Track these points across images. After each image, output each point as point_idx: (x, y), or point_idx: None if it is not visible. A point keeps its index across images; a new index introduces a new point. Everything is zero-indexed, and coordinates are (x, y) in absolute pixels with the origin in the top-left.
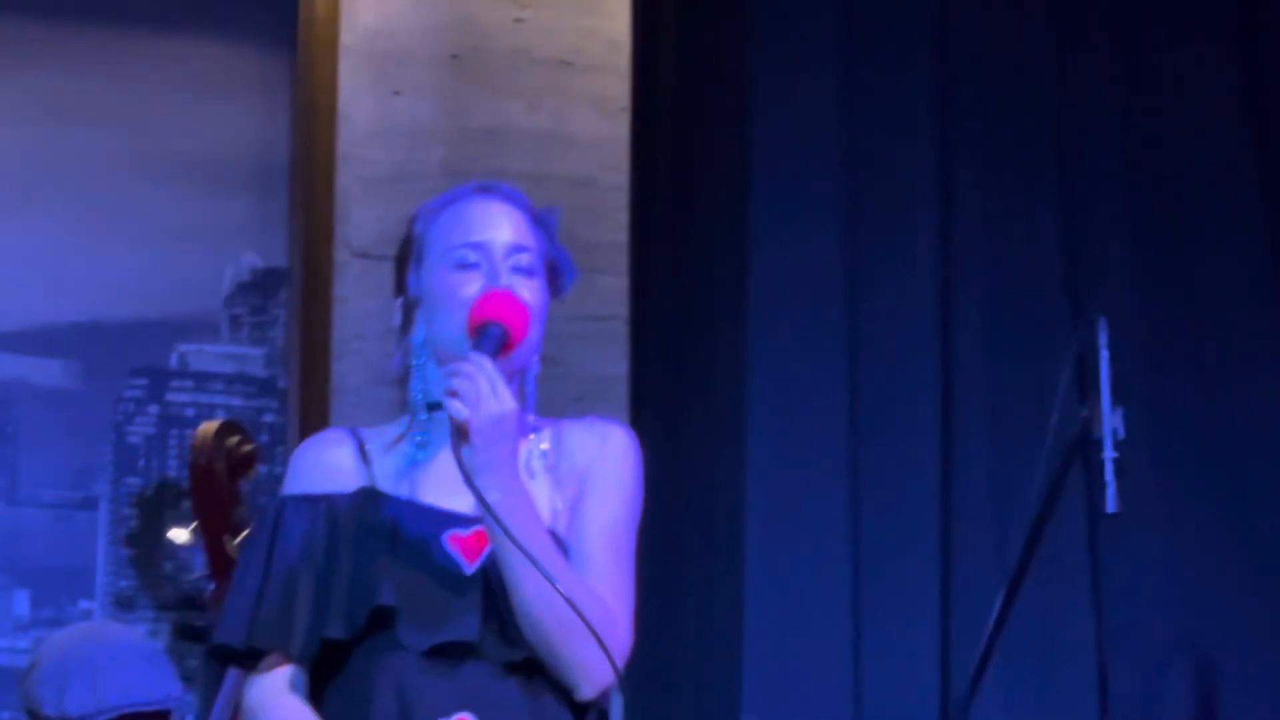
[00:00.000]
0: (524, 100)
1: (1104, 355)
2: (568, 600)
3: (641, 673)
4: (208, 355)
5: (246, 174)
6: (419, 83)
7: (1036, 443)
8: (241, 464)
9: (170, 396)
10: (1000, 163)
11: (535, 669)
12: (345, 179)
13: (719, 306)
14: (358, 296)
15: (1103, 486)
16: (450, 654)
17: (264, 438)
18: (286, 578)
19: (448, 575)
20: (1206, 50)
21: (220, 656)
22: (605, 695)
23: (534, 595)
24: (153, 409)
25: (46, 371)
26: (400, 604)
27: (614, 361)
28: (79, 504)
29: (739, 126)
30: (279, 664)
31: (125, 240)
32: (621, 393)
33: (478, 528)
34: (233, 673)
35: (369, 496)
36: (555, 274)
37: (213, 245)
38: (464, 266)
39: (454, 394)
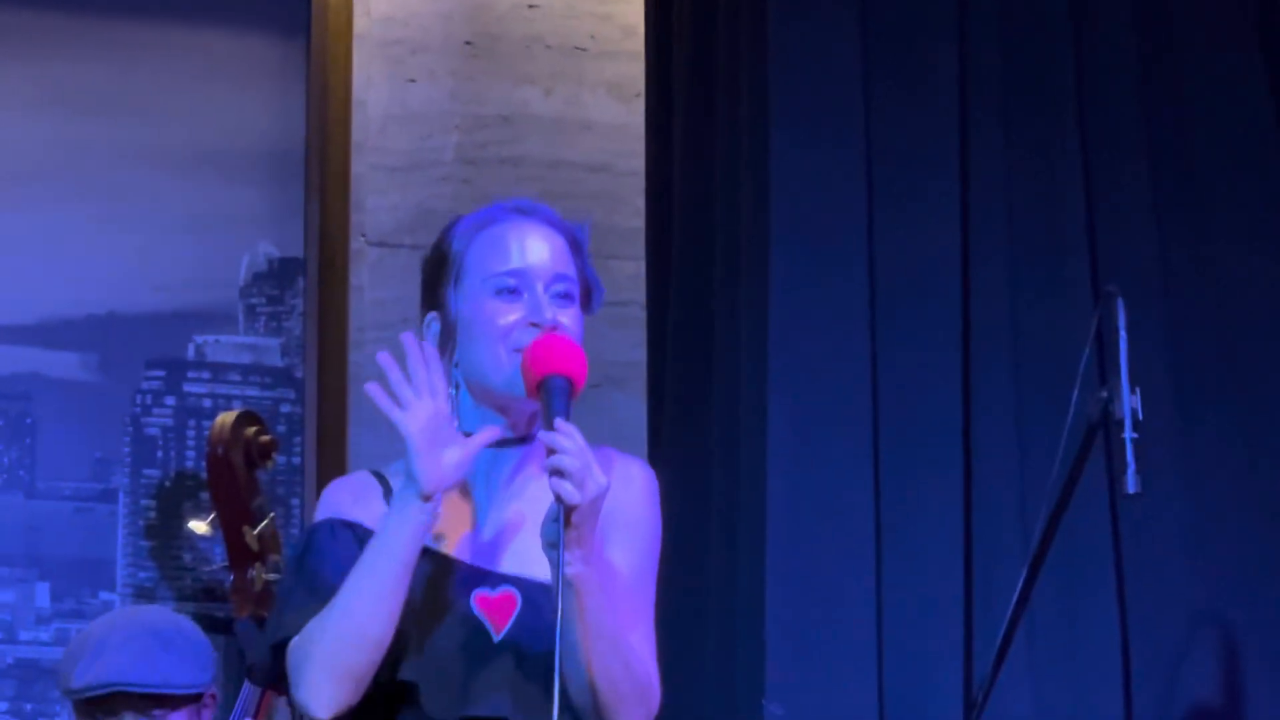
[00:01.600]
0: (539, 86)
1: (1123, 336)
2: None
3: (666, 661)
4: (225, 346)
5: (261, 163)
6: (433, 70)
7: (1057, 424)
8: (259, 454)
9: (188, 388)
10: (1021, 140)
11: None
12: (360, 167)
13: (738, 290)
14: (374, 285)
15: (1123, 467)
16: None
17: (281, 428)
18: (324, 593)
19: (474, 642)
20: (1232, 24)
21: (256, 678)
22: None
23: (597, 666)
24: (170, 400)
25: (63, 364)
26: (420, 678)
27: (632, 348)
28: (98, 496)
29: (757, 108)
30: None
31: (141, 231)
32: (639, 379)
33: (505, 589)
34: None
35: None
36: (590, 294)
37: (228, 235)
38: (504, 293)
39: (559, 472)
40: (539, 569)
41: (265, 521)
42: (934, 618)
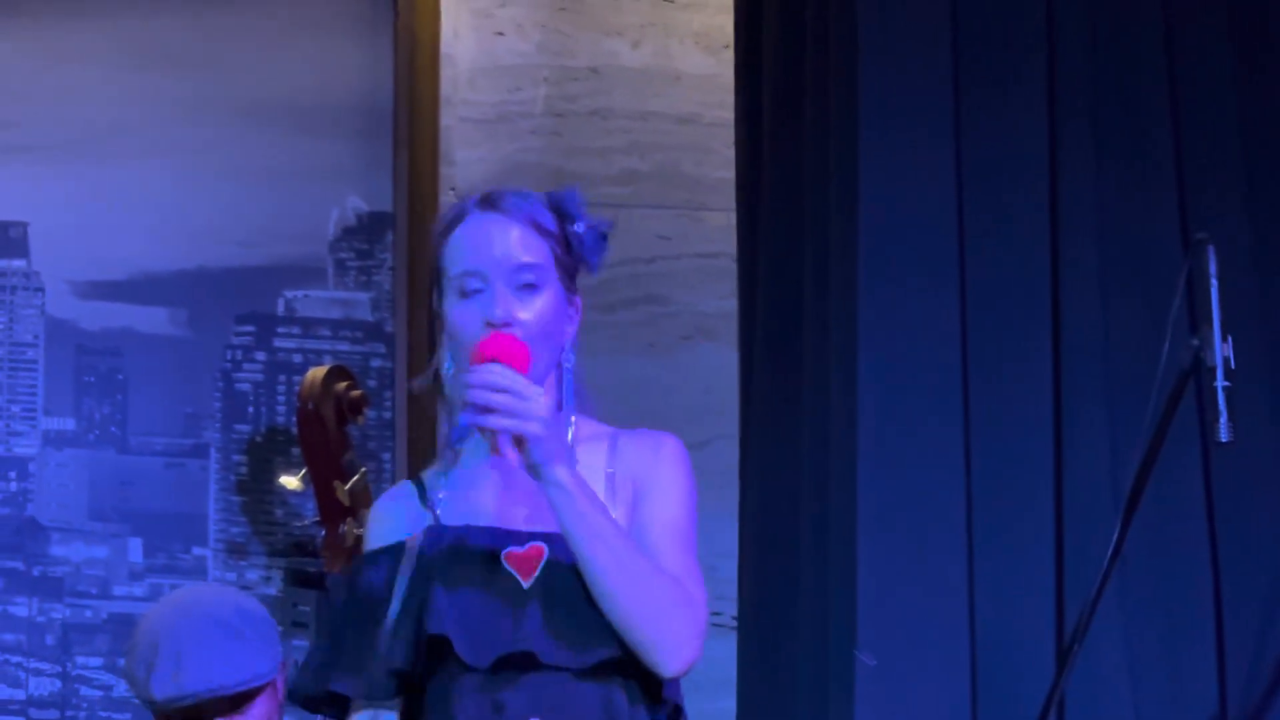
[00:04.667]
0: (626, 38)
1: (1214, 284)
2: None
3: (759, 615)
4: (314, 301)
5: (350, 117)
6: (521, 22)
7: (1149, 372)
8: (350, 409)
9: (278, 343)
10: (1111, 88)
11: (608, 673)
12: (449, 120)
13: (829, 241)
14: None
15: (1215, 416)
16: (517, 666)
17: (372, 383)
18: (359, 623)
19: (505, 591)
20: None
21: (307, 705)
22: (678, 691)
23: (614, 572)
24: (260, 355)
25: (154, 320)
26: (450, 629)
27: (723, 298)
28: (189, 452)
29: (846, 59)
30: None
31: (229, 186)
32: (730, 330)
33: (533, 543)
34: None
35: (431, 532)
36: (580, 261)
37: (317, 189)
38: (466, 294)
39: (487, 409)
40: None
41: (356, 476)
42: (1025, 565)
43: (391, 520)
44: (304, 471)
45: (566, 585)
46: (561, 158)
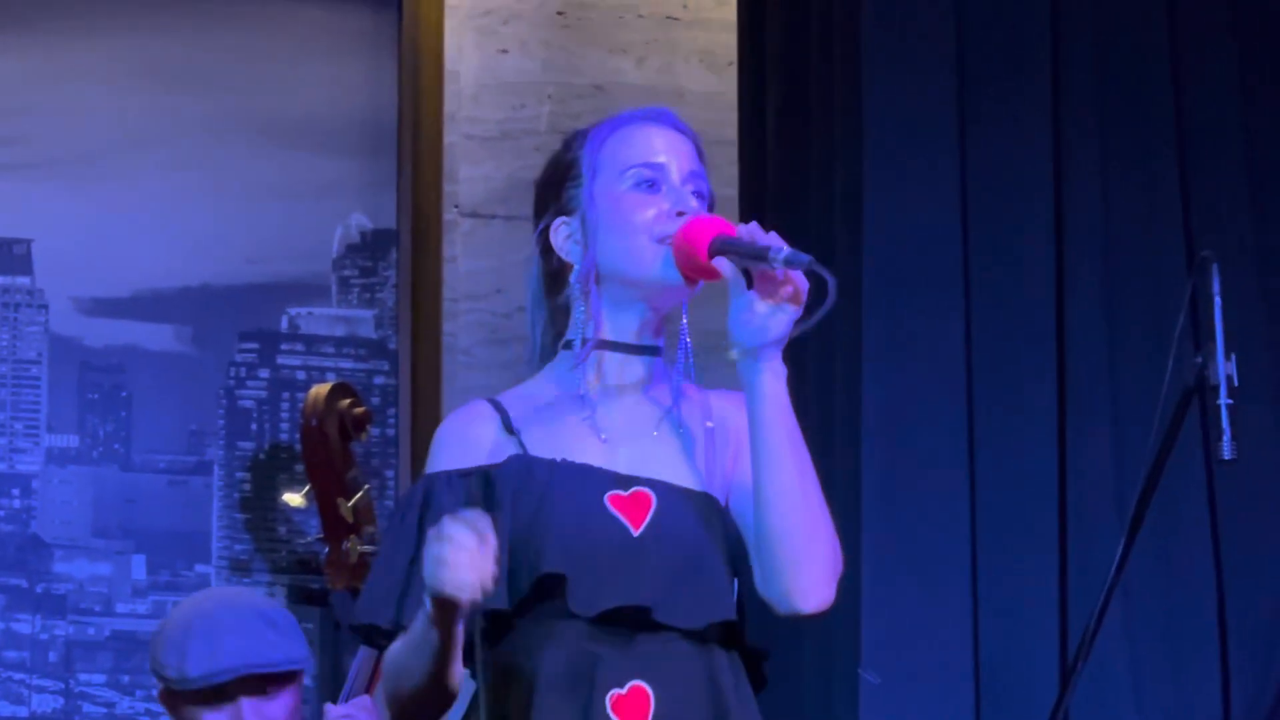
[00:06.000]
0: (631, 55)
1: (1217, 301)
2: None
3: (762, 632)
4: (318, 318)
5: (354, 135)
6: (525, 39)
7: (1152, 390)
8: (354, 426)
9: (281, 360)
10: (1116, 106)
11: (711, 637)
12: (453, 138)
13: (833, 261)
14: (467, 256)
15: (1219, 434)
16: (622, 620)
17: (375, 400)
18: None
19: (614, 538)
20: None
21: (365, 636)
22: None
23: (801, 478)
24: (264, 373)
25: (157, 337)
26: (567, 570)
27: (727, 317)
28: (193, 469)
29: (850, 77)
30: None
31: (233, 204)
32: None
33: (636, 489)
34: (364, 648)
35: (522, 464)
36: (712, 205)
37: (321, 207)
38: (643, 185)
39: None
40: (670, 473)
41: (360, 493)
42: (1030, 582)
43: (468, 444)
44: (307, 488)
45: (679, 538)
46: None
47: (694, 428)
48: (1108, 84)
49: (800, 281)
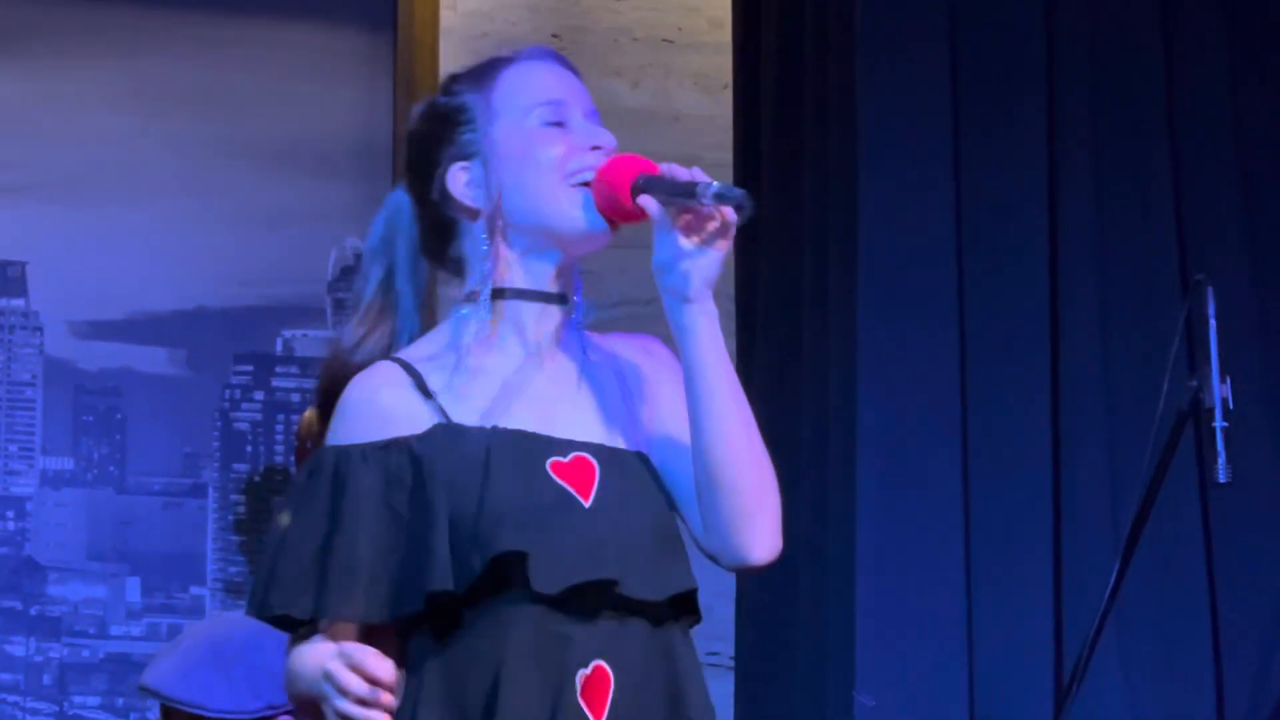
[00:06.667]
0: (626, 79)
1: (1212, 324)
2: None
3: (756, 652)
4: (313, 341)
5: (349, 158)
6: None
7: (1147, 413)
8: None
9: (276, 383)
10: (1110, 130)
11: (666, 611)
12: None
13: (828, 281)
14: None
15: (1214, 457)
16: (584, 596)
17: None
18: (366, 536)
19: (565, 509)
20: None
21: (279, 625)
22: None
23: (743, 425)
24: (258, 395)
25: (152, 359)
26: (527, 546)
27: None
28: (188, 491)
29: (845, 99)
30: (344, 630)
31: (228, 227)
32: None
33: (575, 454)
34: None
35: (449, 433)
36: None
37: (316, 230)
38: (551, 124)
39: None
40: (602, 433)
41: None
42: (1024, 605)
43: (382, 412)
44: None
45: (628, 505)
46: None
47: (606, 380)
48: (1101, 106)
49: (730, 216)
